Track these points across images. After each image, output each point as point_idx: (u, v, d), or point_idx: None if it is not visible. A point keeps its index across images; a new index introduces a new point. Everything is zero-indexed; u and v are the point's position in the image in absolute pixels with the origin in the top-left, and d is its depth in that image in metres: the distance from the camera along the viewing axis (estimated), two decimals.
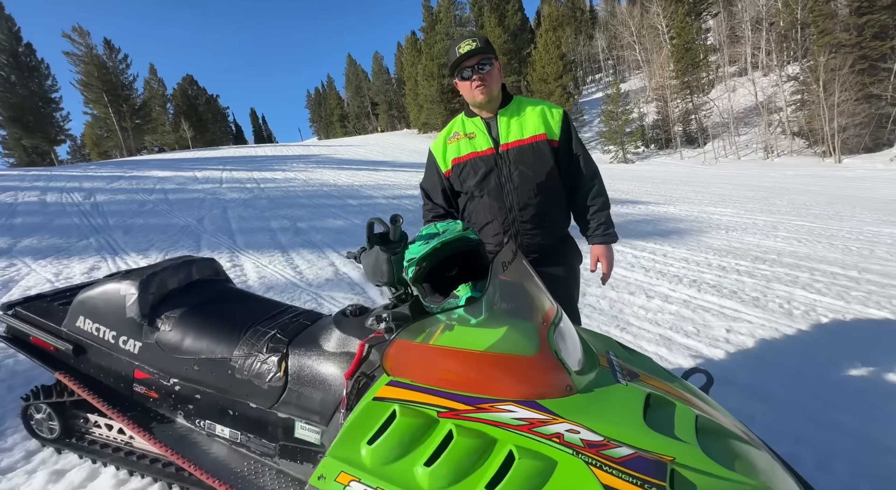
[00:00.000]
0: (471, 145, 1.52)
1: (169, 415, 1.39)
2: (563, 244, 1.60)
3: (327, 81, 77.62)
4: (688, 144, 29.65)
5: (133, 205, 7.40)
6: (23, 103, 31.68)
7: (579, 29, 52.00)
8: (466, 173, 1.53)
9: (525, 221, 1.50)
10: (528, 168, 1.47)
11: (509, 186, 1.49)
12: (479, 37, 1.44)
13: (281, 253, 4.83)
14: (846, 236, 6.06)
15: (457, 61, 1.43)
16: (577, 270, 1.65)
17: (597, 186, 1.55)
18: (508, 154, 1.48)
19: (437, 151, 1.62)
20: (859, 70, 21.65)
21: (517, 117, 1.50)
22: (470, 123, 1.56)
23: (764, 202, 10.38)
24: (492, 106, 1.50)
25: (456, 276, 1.23)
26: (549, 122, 1.50)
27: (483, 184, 1.51)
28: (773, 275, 4.26)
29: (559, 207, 1.57)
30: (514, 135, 1.48)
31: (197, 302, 1.47)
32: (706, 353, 2.71)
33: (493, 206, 1.51)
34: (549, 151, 1.48)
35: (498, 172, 1.49)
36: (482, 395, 0.98)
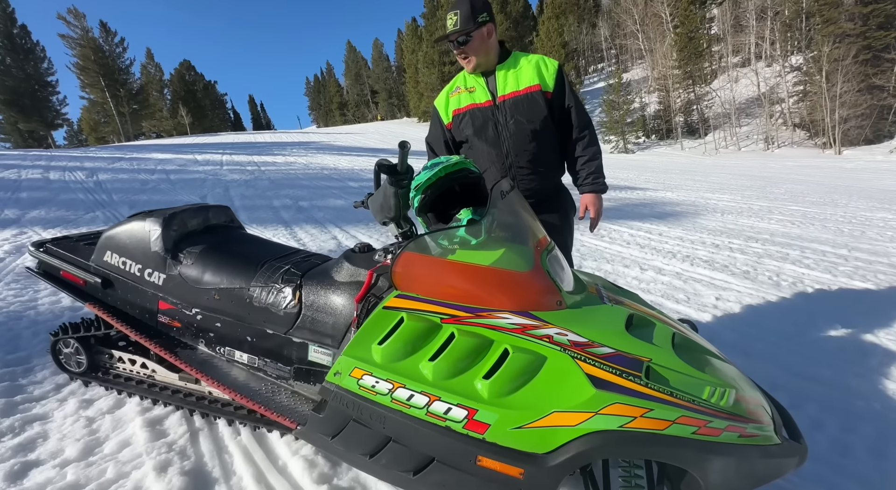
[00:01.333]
0: (471, 98, 1.63)
1: (191, 343, 1.51)
2: (558, 192, 1.70)
3: (326, 69, 76.78)
4: (689, 135, 29.58)
5: (136, 183, 7.45)
6: (18, 86, 31.33)
7: (582, 17, 51.27)
8: (465, 123, 1.63)
9: (521, 167, 1.61)
10: (523, 116, 1.57)
11: (506, 134, 1.58)
12: (461, 8, 1.52)
13: (284, 227, 4.93)
14: (839, 220, 6.17)
15: (443, 37, 1.56)
16: (571, 219, 1.76)
17: (588, 136, 1.64)
18: (505, 105, 1.57)
19: (440, 105, 1.72)
20: (863, 60, 21.55)
21: (514, 70, 1.60)
22: (471, 78, 1.66)
23: (761, 190, 10.46)
24: (489, 64, 1.60)
25: (459, 209, 1.34)
26: (544, 74, 1.58)
27: (481, 132, 1.61)
28: (764, 252, 4.38)
29: (553, 154, 1.66)
30: (510, 87, 1.58)
31: (215, 241, 1.57)
32: (695, 316, 2.83)
33: (490, 153, 1.62)
34: (542, 102, 1.57)
35: (495, 122, 1.59)
36: (481, 306, 1.09)
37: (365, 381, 1.03)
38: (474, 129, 1.61)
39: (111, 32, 38.08)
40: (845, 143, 22.22)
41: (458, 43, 1.54)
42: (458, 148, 1.75)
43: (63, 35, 35.47)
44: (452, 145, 1.74)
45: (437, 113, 1.73)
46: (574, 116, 1.62)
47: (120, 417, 1.59)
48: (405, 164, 1.27)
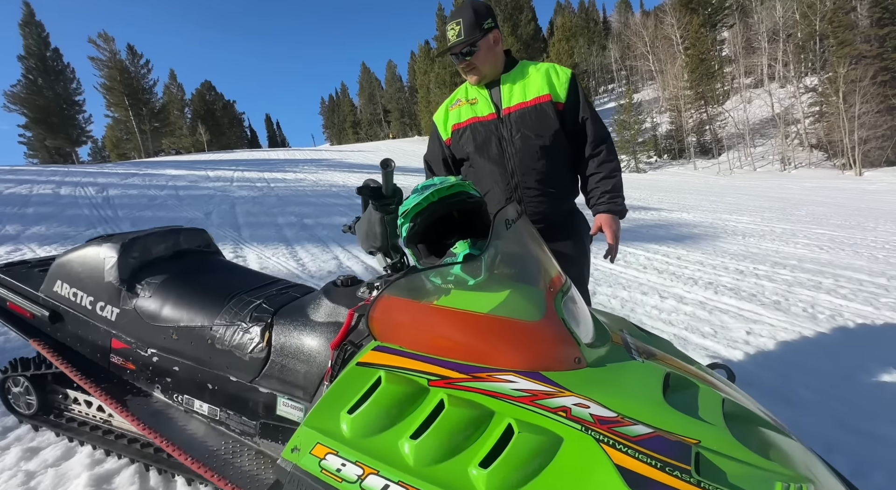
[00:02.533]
0: (472, 110, 1.45)
1: (146, 388, 1.30)
2: (570, 216, 1.50)
3: (341, 89, 78.98)
4: (702, 155, 29.26)
5: (143, 199, 7.47)
6: (48, 105, 32.75)
7: (592, 39, 52.13)
8: (466, 138, 1.45)
9: (529, 187, 1.41)
10: (531, 130, 1.38)
11: (511, 150, 1.39)
12: (463, 16, 1.36)
13: (285, 246, 4.78)
14: (871, 245, 5.81)
15: (445, 50, 1.41)
16: (587, 247, 1.54)
17: (605, 152, 1.42)
18: (510, 117, 1.39)
19: (439, 119, 1.55)
20: (881, 81, 21.21)
21: (521, 80, 1.42)
22: (473, 90, 1.49)
23: (782, 212, 10.11)
24: (494, 74, 1.44)
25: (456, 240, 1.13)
26: (554, 82, 1.40)
27: (483, 148, 1.42)
28: (794, 279, 4.06)
29: (565, 174, 1.46)
30: (516, 98, 1.40)
31: (181, 269, 1.39)
32: (724, 353, 2.54)
33: (494, 172, 1.42)
34: (553, 113, 1.38)
35: (499, 136, 1.41)
36: (479, 364, 0.87)
37: (329, 461, 0.81)
38: (476, 145, 1.43)
39: (137, 55, 39.89)
40: (866, 164, 21.66)
41: (463, 54, 1.38)
42: (459, 166, 1.57)
43: (93, 58, 37.28)
44: (452, 163, 1.56)
45: (436, 128, 1.57)
46: (589, 129, 1.42)
47: (65, 472, 1.38)
48: (390, 185, 1.09)
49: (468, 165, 1.50)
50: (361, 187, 1.09)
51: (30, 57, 32.23)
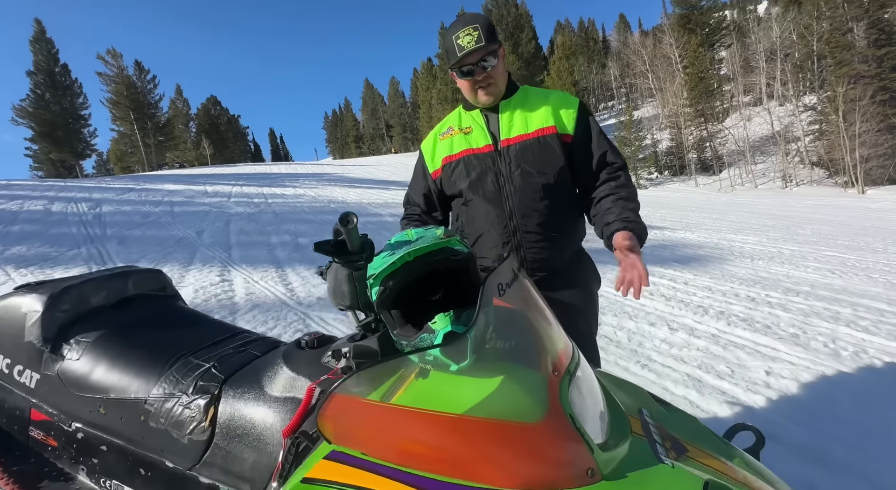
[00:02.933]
0: (466, 141, 1.28)
1: (69, 470, 1.10)
2: (577, 261, 1.31)
3: (344, 104, 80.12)
4: (703, 171, 29.29)
5: (136, 216, 7.34)
6: (54, 120, 33.21)
7: (592, 58, 53.04)
8: (458, 173, 1.27)
9: (529, 231, 1.22)
10: (532, 166, 1.21)
11: (509, 188, 1.22)
12: (479, 22, 1.18)
13: (276, 268, 4.60)
14: (884, 269, 5.59)
15: (457, 60, 1.19)
16: (594, 296, 1.34)
17: (623, 177, 1.24)
18: (509, 151, 1.22)
19: (427, 149, 1.37)
20: (880, 101, 21.32)
21: (522, 109, 1.25)
22: (467, 117, 1.32)
23: (786, 231, 9.94)
24: (496, 98, 1.27)
25: (440, 300, 0.94)
26: (561, 112, 1.24)
27: (478, 185, 1.25)
28: (809, 309, 3.84)
29: (571, 215, 1.28)
30: (517, 129, 1.23)
31: (123, 323, 1.20)
32: (744, 399, 2.32)
33: (489, 213, 1.24)
34: (558, 147, 1.21)
35: (496, 172, 1.23)
36: (462, 481, 0.66)
37: None
38: (470, 182, 1.25)
39: (144, 70, 40.63)
40: (868, 182, 21.58)
41: (481, 65, 1.18)
42: (446, 204, 1.39)
43: (100, 73, 37.98)
44: (438, 200, 1.38)
45: (422, 159, 1.38)
46: (607, 159, 1.25)
47: None
48: (356, 243, 0.90)
49: (460, 203, 1.32)
50: (320, 243, 0.90)
51: (38, 72, 32.83)
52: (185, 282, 3.91)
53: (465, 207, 1.30)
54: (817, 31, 25.37)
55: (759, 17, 38.59)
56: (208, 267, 4.44)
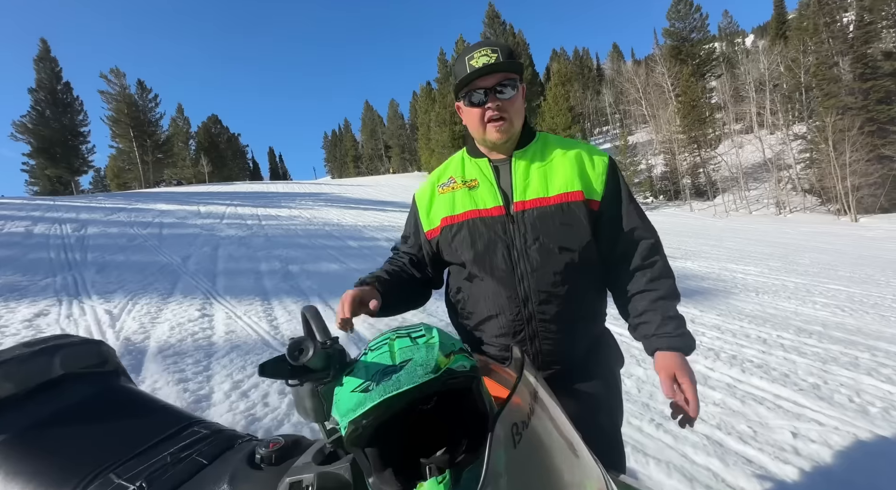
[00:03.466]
0: (471, 199, 1.05)
1: None
2: (598, 346, 1.09)
3: (344, 125, 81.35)
4: (697, 197, 29.60)
5: (122, 239, 7.09)
6: (53, 136, 33.27)
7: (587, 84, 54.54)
8: (461, 241, 1.04)
9: (547, 320, 1.00)
10: (553, 240, 0.98)
11: (524, 266, 0.99)
12: (500, 46, 0.99)
13: (262, 301, 4.35)
14: (893, 306, 5.43)
15: (466, 79, 0.97)
16: (618, 381, 1.13)
17: (659, 264, 1.02)
18: (524, 217, 1.00)
19: (422, 200, 1.14)
20: (868, 132, 21.83)
21: (541, 163, 1.03)
22: (472, 166, 1.08)
23: (785, 260, 9.86)
24: (508, 145, 1.05)
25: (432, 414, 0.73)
26: (588, 172, 1.03)
27: (485, 259, 1.02)
28: (825, 353, 3.64)
29: (596, 297, 1.07)
30: (534, 189, 1.01)
31: (35, 421, 0.95)
32: (774, 470, 2.07)
33: (498, 295, 1.01)
34: (585, 217, 1.00)
35: (508, 244, 1.00)
36: None
37: None
38: (475, 254, 1.03)
39: (147, 89, 41.16)
40: (860, 210, 21.82)
41: (496, 91, 0.97)
42: (442, 264, 1.17)
43: (102, 92, 38.37)
44: (431, 261, 1.15)
45: (416, 211, 1.15)
46: (636, 236, 1.03)
47: None
48: (316, 360, 0.69)
49: (462, 275, 1.08)
50: (267, 365, 0.69)
51: (40, 90, 33.12)
52: (162, 317, 3.65)
53: (469, 283, 1.06)
54: (804, 64, 26.25)
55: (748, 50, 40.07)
56: (189, 299, 4.18)
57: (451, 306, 1.15)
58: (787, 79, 28.60)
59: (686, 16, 39.42)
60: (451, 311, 1.16)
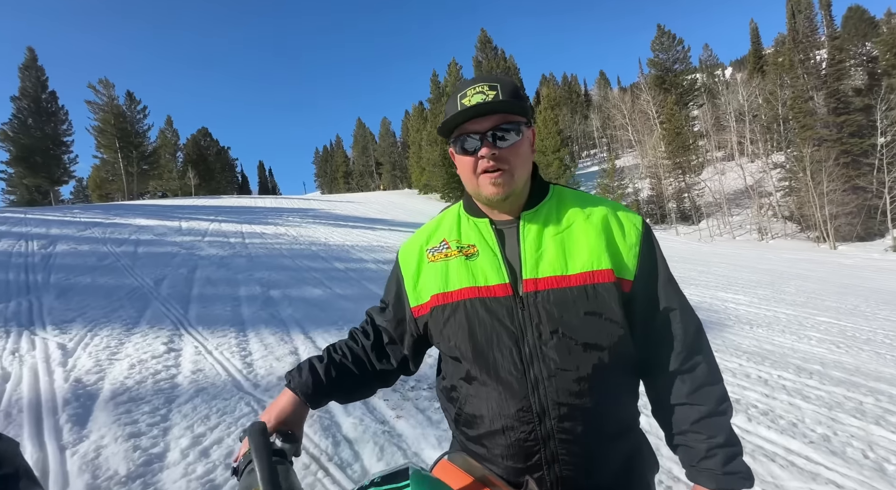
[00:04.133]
0: (468, 271, 0.82)
1: None
2: (632, 460, 0.85)
3: (336, 141, 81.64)
4: (682, 221, 30.19)
5: (92, 258, 6.68)
6: (34, 145, 32.45)
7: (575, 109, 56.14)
8: (456, 329, 0.81)
9: (569, 441, 0.76)
10: (578, 335, 0.75)
11: (539, 369, 0.76)
12: (501, 81, 0.80)
13: (237, 332, 4.04)
14: (885, 342, 5.40)
15: (453, 122, 0.78)
16: None
17: (703, 369, 0.79)
18: (538, 302, 0.77)
19: (408, 266, 0.91)
20: (843, 163, 22.74)
21: (557, 229, 0.81)
22: (470, 228, 0.86)
23: (773, 288, 9.99)
24: (511, 203, 0.83)
25: None
26: (618, 243, 0.80)
27: (488, 356, 0.78)
28: (829, 398, 3.50)
29: (630, 404, 0.83)
30: (549, 264, 0.78)
31: None
32: None
33: (505, 405, 0.77)
34: (617, 302, 0.77)
35: (517, 337, 0.77)
36: None
37: None
38: (474, 347, 0.79)
39: (135, 101, 40.77)
40: (838, 238, 22.47)
41: (493, 137, 0.77)
42: (424, 348, 0.95)
43: (89, 102, 37.83)
44: (414, 345, 0.93)
45: (400, 275, 0.92)
46: (675, 327, 0.80)
47: None
48: None
49: (458, 374, 0.83)
50: None
51: (24, 98, 32.50)
52: (122, 353, 3.31)
53: (467, 384, 0.82)
54: (781, 97, 27.47)
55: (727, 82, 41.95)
56: (156, 330, 3.85)
57: (446, 401, 0.91)
58: (766, 110, 29.85)
59: (669, 47, 41.24)
60: (446, 406, 0.92)
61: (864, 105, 23.69)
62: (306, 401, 0.85)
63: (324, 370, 0.87)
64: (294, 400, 0.84)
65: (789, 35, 27.14)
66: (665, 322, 0.81)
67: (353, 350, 0.93)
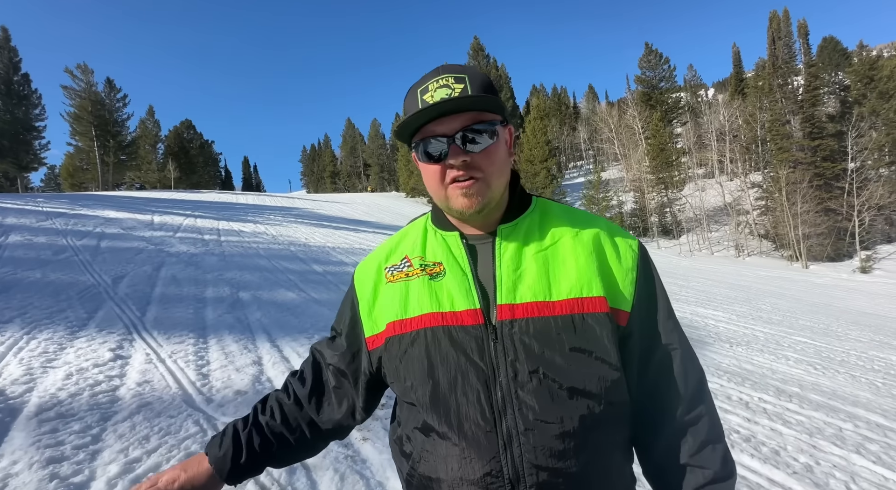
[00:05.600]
0: (431, 294, 0.67)
1: None
2: None
3: (324, 140, 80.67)
4: (664, 234, 30.80)
5: (47, 251, 6.21)
6: (2, 128, 30.89)
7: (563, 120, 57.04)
8: (411, 364, 0.65)
9: None
10: (562, 377, 0.61)
11: (514, 420, 0.60)
12: (469, 72, 0.65)
13: (196, 339, 3.74)
14: (858, 363, 5.47)
15: (414, 122, 0.63)
16: None
17: (706, 423, 0.65)
18: (513, 333, 0.62)
19: (364, 287, 0.75)
20: (816, 185, 23.62)
21: (540, 246, 0.67)
22: (438, 243, 0.71)
23: (749, 305, 10.23)
24: (486, 216, 0.68)
25: None
26: (612, 267, 0.66)
27: (448, 402, 0.62)
28: (810, 423, 3.44)
29: (624, 463, 0.68)
30: (529, 287, 0.64)
31: None
32: None
33: (466, 468, 0.61)
34: (610, 338, 0.62)
35: (486, 378, 0.62)
36: None
37: None
38: (433, 390, 0.64)
39: (115, 88, 39.37)
40: (810, 257, 23.25)
41: (464, 141, 0.62)
42: (379, 390, 0.79)
43: (66, 87, 36.30)
44: (367, 385, 0.76)
45: (354, 298, 0.76)
46: (675, 368, 0.66)
47: None
48: None
49: (414, 425, 0.67)
50: None
51: None
52: (61, 359, 2.99)
53: (423, 437, 0.66)
54: (760, 119, 28.45)
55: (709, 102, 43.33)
56: (105, 334, 3.52)
57: (399, 455, 0.73)
58: (745, 131, 30.86)
59: (656, 66, 42.36)
60: (398, 462, 0.74)
61: (837, 131, 24.74)
62: (221, 477, 0.71)
63: (245, 439, 0.73)
64: (205, 470, 0.71)
65: (769, 60, 28.22)
66: (664, 365, 0.67)
67: (283, 406, 0.77)
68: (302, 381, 0.79)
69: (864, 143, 24.05)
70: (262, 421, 0.75)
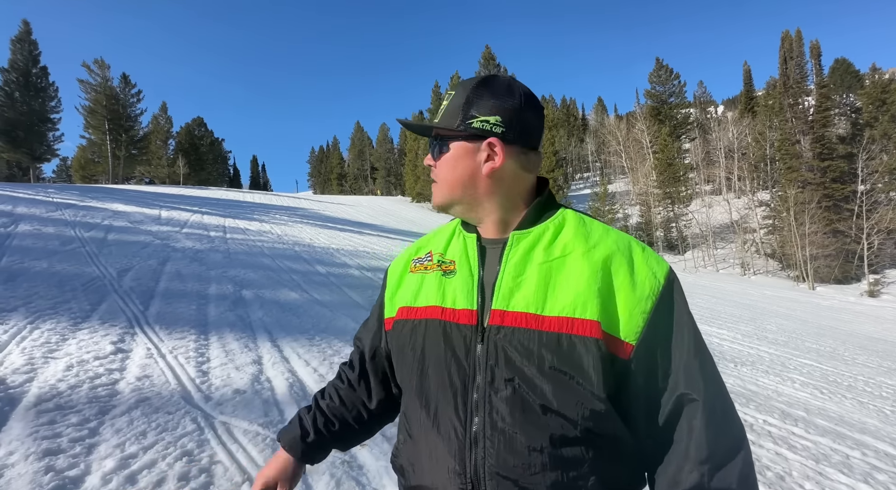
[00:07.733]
0: (440, 289, 0.70)
1: None
2: None
3: (333, 142, 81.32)
4: (669, 250, 30.61)
5: (55, 242, 6.26)
6: (18, 119, 31.40)
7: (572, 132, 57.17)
8: (408, 353, 0.70)
9: None
10: (536, 392, 0.59)
11: (483, 423, 0.61)
12: (462, 86, 0.72)
13: (197, 335, 3.73)
14: (866, 389, 5.36)
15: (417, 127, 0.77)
16: None
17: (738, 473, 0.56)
18: (498, 338, 0.62)
19: (393, 277, 0.81)
20: (825, 206, 23.42)
21: (547, 255, 0.65)
22: (459, 243, 0.74)
23: (754, 324, 10.09)
24: (501, 219, 0.70)
25: None
26: (620, 291, 0.61)
27: (429, 392, 0.66)
28: (815, 449, 3.36)
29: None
30: (524, 297, 0.63)
31: None
32: None
33: (433, 461, 0.65)
34: (594, 365, 0.58)
35: (465, 377, 0.63)
36: None
37: None
38: (419, 378, 0.68)
39: (130, 84, 40.00)
40: (817, 279, 22.97)
41: (432, 144, 0.74)
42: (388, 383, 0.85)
43: (82, 80, 36.96)
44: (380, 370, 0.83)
45: (384, 285, 0.83)
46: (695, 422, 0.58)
47: None
48: None
49: (403, 408, 0.74)
50: None
51: (12, 70, 31.58)
52: (62, 350, 2.99)
53: (407, 423, 0.72)
54: (769, 138, 28.36)
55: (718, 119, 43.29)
56: (107, 327, 3.53)
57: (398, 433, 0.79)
58: (754, 149, 30.75)
59: (666, 81, 42.46)
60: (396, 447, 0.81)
61: (847, 153, 24.60)
62: (296, 459, 0.80)
63: (311, 422, 0.82)
64: (285, 459, 0.80)
65: (780, 80, 28.21)
66: (676, 415, 0.60)
67: (339, 390, 0.85)
68: (351, 367, 0.86)
69: (875, 165, 23.89)
70: (323, 404, 0.83)
